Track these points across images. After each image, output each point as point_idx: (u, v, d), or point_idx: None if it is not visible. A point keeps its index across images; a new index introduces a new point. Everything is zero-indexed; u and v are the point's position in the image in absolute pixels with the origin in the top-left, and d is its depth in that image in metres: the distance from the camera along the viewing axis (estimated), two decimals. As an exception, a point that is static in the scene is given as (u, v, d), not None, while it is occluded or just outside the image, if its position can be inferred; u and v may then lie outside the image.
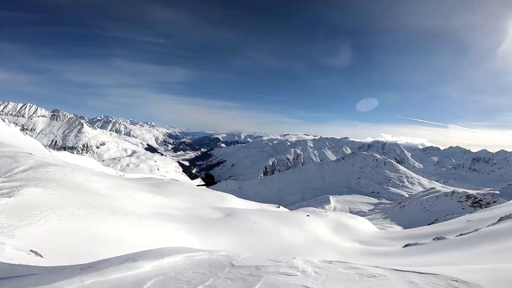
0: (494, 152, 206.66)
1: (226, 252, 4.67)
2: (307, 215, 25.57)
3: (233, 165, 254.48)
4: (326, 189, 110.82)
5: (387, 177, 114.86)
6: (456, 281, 3.09)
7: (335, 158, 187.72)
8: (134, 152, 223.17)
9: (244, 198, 35.22)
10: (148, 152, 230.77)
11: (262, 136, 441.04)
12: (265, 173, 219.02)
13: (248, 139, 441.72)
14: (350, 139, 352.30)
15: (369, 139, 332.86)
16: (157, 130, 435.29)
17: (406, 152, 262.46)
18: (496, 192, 60.80)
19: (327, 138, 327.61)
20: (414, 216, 59.06)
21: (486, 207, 42.81)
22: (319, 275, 3.33)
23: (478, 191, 66.07)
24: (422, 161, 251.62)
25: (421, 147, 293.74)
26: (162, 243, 10.31)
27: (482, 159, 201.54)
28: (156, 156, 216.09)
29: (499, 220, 19.46)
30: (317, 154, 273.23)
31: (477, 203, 54.29)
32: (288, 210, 35.36)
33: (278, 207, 37.24)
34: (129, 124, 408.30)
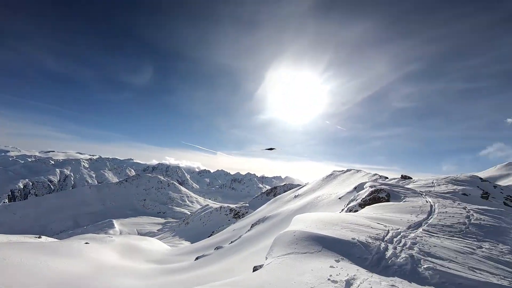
0: (244, 174, 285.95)
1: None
2: (86, 243, 23.03)
3: None
4: (107, 213, 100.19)
5: (171, 197, 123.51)
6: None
7: (118, 180, 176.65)
8: None
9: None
10: None
11: (8, 151, 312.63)
12: (12, 199, 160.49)
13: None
14: (135, 161, 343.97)
15: (154, 162, 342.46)
16: None
17: (186, 174, 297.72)
18: (246, 205, 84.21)
19: (108, 158, 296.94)
20: (197, 230, 67.85)
21: (243, 217, 58.62)
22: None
23: (236, 205, 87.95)
24: (198, 182, 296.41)
25: (197, 170, 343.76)
26: None
27: (237, 179, 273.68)
28: None
29: (251, 227, 27.47)
30: (94, 175, 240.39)
31: (237, 215, 72.49)
32: (56, 240, 28.87)
33: (39, 237, 29.43)
34: None
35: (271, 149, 23.87)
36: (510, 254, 5.79)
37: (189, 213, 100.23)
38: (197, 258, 20.58)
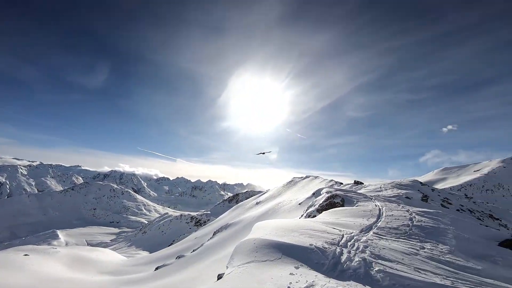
0: (205, 181, 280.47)
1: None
2: (25, 254, 21.43)
3: None
4: (50, 223, 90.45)
5: (125, 206, 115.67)
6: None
7: (62, 188, 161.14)
8: None
9: None
10: None
11: None
12: None
13: None
14: (84, 168, 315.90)
15: (106, 169, 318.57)
16: None
17: (143, 182, 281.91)
18: (208, 212, 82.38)
19: (51, 165, 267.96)
20: (155, 240, 64.12)
21: (204, 224, 57.03)
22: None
23: (197, 213, 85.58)
24: (156, 190, 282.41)
25: (155, 177, 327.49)
26: None
27: (198, 187, 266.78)
28: None
29: (214, 234, 27.02)
30: (34, 183, 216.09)
31: (199, 222, 70.37)
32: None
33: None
34: None
35: (263, 153, 24.84)
36: (450, 253, 6.45)
37: (146, 222, 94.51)
38: (157, 268, 19.79)
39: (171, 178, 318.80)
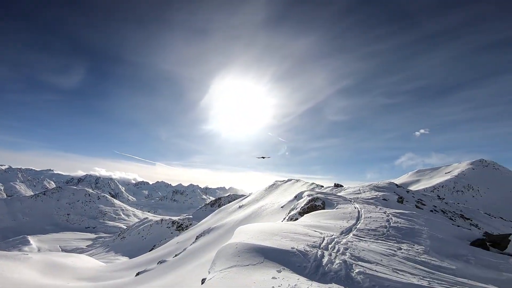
0: (186, 185, 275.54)
1: None
2: None
3: None
4: (20, 229, 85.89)
5: (102, 211, 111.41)
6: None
7: (33, 193, 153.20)
8: None
9: None
10: None
11: None
12: None
13: None
14: (56, 172, 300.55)
15: (80, 173, 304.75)
16: None
17: (120, 186, 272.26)
18: (190, 216, 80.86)
19: (20, 169, 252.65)
20: (135, 245, 62.01)
21: (186, 229, 55.88)
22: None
23: (179, 217, 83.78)
24: (135, 194, 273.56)
25: (134, 181, 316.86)
26: None
27: (179, 191, 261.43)
28: None
29: (196, 239, 26.72)
30: (2, 188, 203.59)
31: (180, 227, 68.83)
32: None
33: None
34: None
35: (263, 157, 25.39)
36: (425, 254, 6.71)
37: (125, 227, 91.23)
38: (138, 274, 19.17)
39: (150, 182, 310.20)
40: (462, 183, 61.56)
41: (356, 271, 5.30)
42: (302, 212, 13.59)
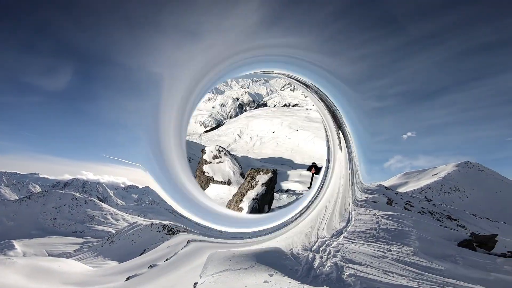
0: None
1: None
2: None
3: None
4: (5, 233, 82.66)
5: (90, 215, 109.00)
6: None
7: (18, 197, 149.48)
8: None
9: None
10: None
11: None
12: None
13: None
14: (41, 176, 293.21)
15: (67, 177, 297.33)
16: None
17: (109, 190, 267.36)
18: (180, 220, 79.86)
19: (4, 172, 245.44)
20: (125, 249, 60.62)
21: (177, 233, 55.18)
22: None
23: (169, 221, 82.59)
24: (125, 198, 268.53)
25: (123, 185, 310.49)
26: None
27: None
28: None
29: (188, 243, 26.38)
30: None
31: (171, 231, 67.79)
32: None
33: None
34: None
35: None
36: (414, 255, 6.83)
37: (114, 232, 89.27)
38: (128, 278, 18.72)
39: (140, 186, 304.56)
40: (449, 184, 62.99)
41: (347, 273, 5.36)
42: (294, 215, 13.66)
